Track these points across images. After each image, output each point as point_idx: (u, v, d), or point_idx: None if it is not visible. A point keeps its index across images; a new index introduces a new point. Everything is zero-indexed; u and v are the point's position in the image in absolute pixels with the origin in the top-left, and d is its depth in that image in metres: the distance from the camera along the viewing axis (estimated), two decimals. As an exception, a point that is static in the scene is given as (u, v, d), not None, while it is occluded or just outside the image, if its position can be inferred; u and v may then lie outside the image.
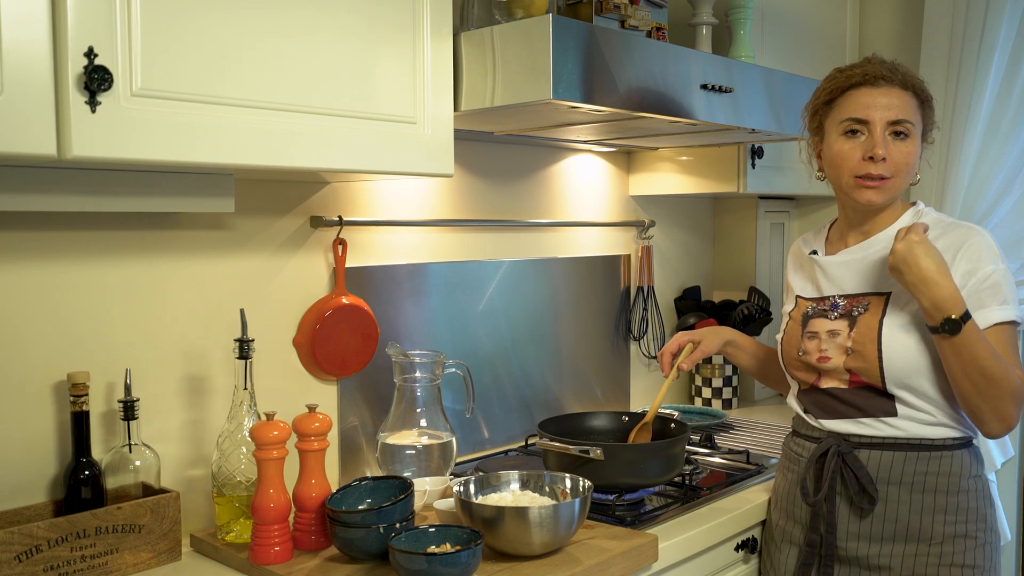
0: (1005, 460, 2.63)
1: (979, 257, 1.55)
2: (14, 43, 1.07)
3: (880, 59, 1.64)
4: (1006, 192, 2.53)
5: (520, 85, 1.57)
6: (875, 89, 1.60)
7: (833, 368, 1.62)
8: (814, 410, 1.68)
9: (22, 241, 1.44)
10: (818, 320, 1.66)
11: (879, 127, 1.58)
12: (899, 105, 1.58)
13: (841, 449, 1.62)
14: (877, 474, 1.60)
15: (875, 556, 1.61)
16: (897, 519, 1.60)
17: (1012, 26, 2.47)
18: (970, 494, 1.59)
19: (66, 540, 1.34)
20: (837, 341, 1.62)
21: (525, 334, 2.26)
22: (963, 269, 1.55)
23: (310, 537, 1.48)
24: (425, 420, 1.80)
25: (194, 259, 1.64)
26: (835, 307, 1.65)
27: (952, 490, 1.58)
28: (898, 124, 1.58)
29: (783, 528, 1.75)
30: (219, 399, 1.66)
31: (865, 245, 1.66)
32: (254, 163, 1.32)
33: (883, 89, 1.59)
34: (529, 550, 1.44)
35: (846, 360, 1.60)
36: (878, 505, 1.60)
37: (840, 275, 1.66)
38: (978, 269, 1.55)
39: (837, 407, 1.64)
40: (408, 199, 2.01)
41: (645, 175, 2.57)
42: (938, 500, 1.58)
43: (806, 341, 1.66)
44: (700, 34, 2.16)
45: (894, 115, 1.58)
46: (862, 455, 1.61)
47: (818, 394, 1.67)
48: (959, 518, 1.58)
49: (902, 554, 1.59)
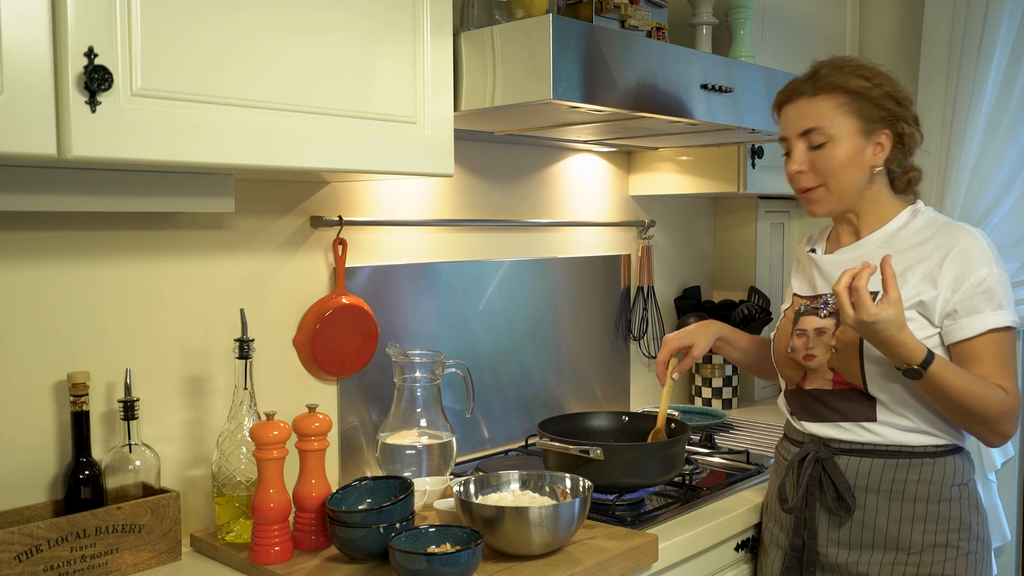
0: (1005, 460, 2.63)
1: (971, 261, 1.52)
2: (14, 43, 1.07)
3: (815, 67, 1.62)
4: (1006, 192, 2.53)
5: (520, 85, 1.57)
6: (790, 105, 1.62)
7: (818, 366, 1.62)
8: (798, 411, 1.68)
9: (23, 241, 1.44)
10: (808, 318, 1.65)
11: (792, 141, 1.61)
12: (808, 114, 1.58)
13: (820, 455, 1.61)
14: (855, 481, 1.59)
15: (855, 563, 1.59)
16: (875, 527, 1.58)
17: (1012, 26, 2.47)
18: (952, 503, 1.56)
19: (66, 540, 1.34)
20: (823, 339, 1.61)
21: (525, 334, 2.26)
22: (953, 273, 1.52)
23: (310, 537, 1.48)
24: (425, 420, 1.80)
25: (194, 259, 1.64)
26: (826, 305, 1.64)
27: (932, 499, 1.56)
28: (807, 134, 1.58)
29: (771, 532, 1.75)
30: (219, 399, 1.66)
31: (858, 245, 1.65)
32: (254, 163, 1.32)
33: (795, 103, 1.61)
34: (529, 550, 1.44)
35: (831, 359, 1.60)
36: (856, 512, 1.59)
37: (834, 274, 1.65)
38: (970, 274, 1.51)
39: (819, 409, 1.63)
40: (408, 199, 2.01)
41: (645, 175, 2.57)
42: (917, 509, 1.56)
43: (795, 338, 1.66)
44: (700, 34, 2.16)
45: (799, 126, 1.59)
46: (841, 461, 1.60)
47: (803, 395, 1.66)
48: (939, 527, 1.55)
49: (880, 562, 1.57)
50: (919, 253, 1.57)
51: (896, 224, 1.62)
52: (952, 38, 2.51)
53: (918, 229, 1.60)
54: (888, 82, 1.60)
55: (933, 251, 1.54)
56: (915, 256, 1.57)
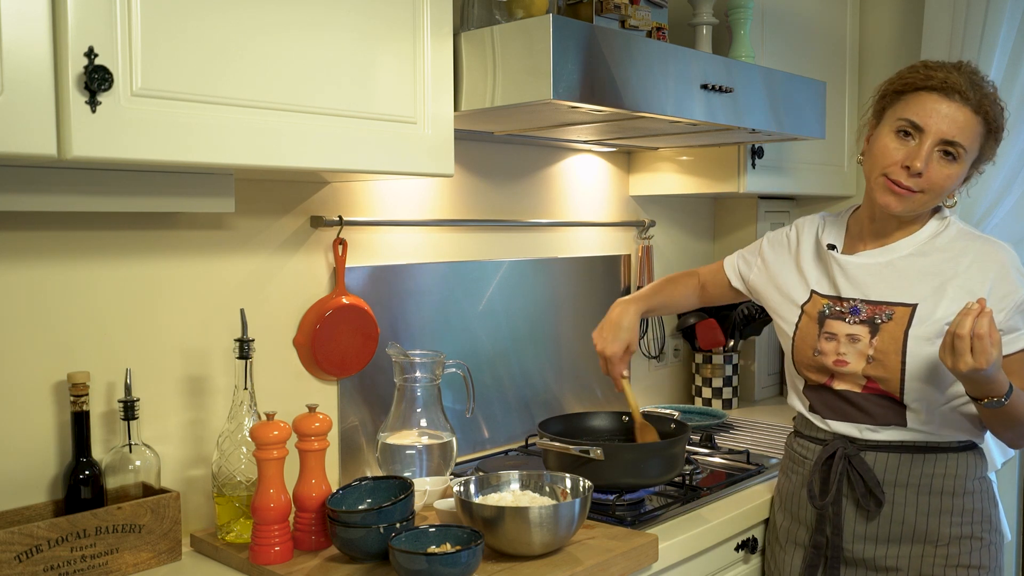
0: (1005, 460, 2.62)
1: (1011, 279, 1.54)
2: (14, 43, 1.07)
3: (971, 71, 1.55)
4: (1006, 192, 2.53)
5: (520, 85, 1.56)
6: (945, 100, 1.53)
7: (850, 373, 1.61)
8: (822, 410, 1.67)
9: (23, 241, 1.44)
10: (836, 322, 1.63)
11: (930, 139, 1.53)
12: (960, 125, 1.52)
13: (848, 452, 1.62)
14: (883, 476, 1.60)
15: (882, 557, 1.61)
16: (904, 520, 1.60)
17: (1012, 26, 2.47)
18: (975, 495, 1.60)
19: (66, 540, 1.34)
20: (857, 347, 1.59)
21: (525, 334, 2.26)
22: (1000, 292, 1.53)
23: (310, 537, 1.48)
24: (425, 420, 1.80)
25: (194, 259, 1.64)
26: (855, 311, 1.61)
27: (958, 492, 1.59)
28: (950, 144, 1.52)
29: (788, 529, 1.74)
30: (219, 399, 1.66)
31: (886, 250, 1.63)
32: (254, 163, 1.32)
33: (954, 104, 1.52)
34: (529, 550, 1.44)
35: (866, 367, 1.59)
36: (884, 507, 1.60)
37: (861, 278, 1.63)
38: (1012, 293, 1.53)
39: (847, 410, 1.63)
40: (408, 199, 2.01)
41: (645, 175, 2.57)
42: (944, 502, 1.59)
43: (823, 342, 1.63)
44: (700, 34, 2.15)
45: (950, 134, 1.52)
46: (868, 457, 1.61)
47: (828, 394, 1.65)
48: (964, 519, 1.59)
49: (908, 555, 1.60)
50: (955, 266, 1.57)
51: (927, 233, 1.62)
52: (952, 38, 2.51)
53: (950, 240, 1.60)
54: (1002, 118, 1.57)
55: (970, 266, 1.54)
56: (950, 269, 1.57)
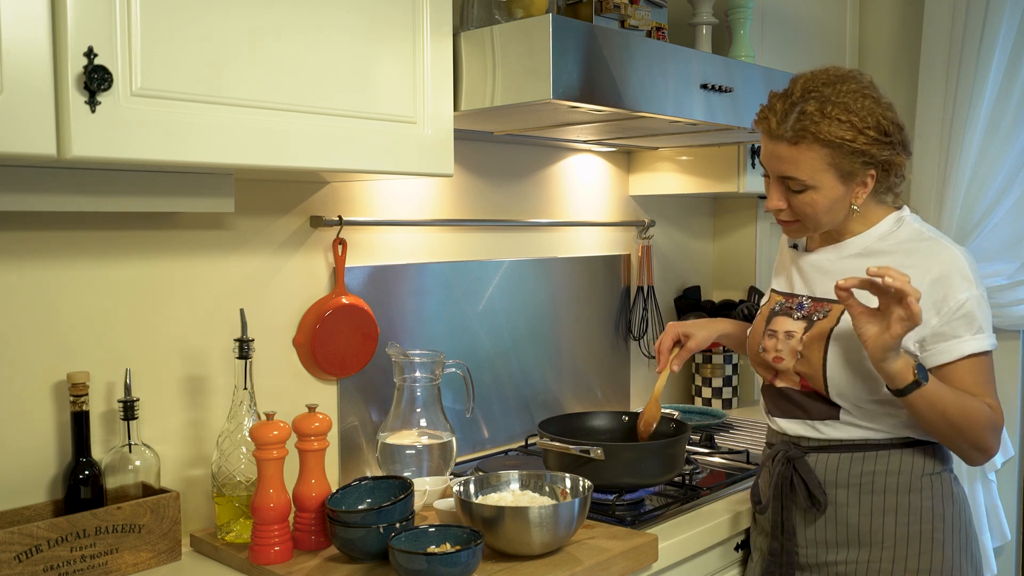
0: (1005, 460, 2.63)
1: (952, 284, 1.49)
2: (14, 43, 1.07)
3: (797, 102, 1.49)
4: (1006, 192, 2.53)
5: (520, 85, 1.57)
6: (769, 139, 1.52)
7: (785, 369, 1.60)
8: (772, 408, 1.67)
9: (22, 241, 1.44)
10: (781, 319, 1.63)
11: (773, 179, 1.54)
12: (786, 161, 1.50)
13: (790, 454, 1.60)
14: (825, 477, 1.58)
15: (833, 563, 1.58)
16: (848, 523, 1.56)
17: (1012, 26, 2.47)
18: (923, 493, 1.54)
19: (66, 540, 1.34)
20: (791, 343, 1.59)
21: (525, 334, 2.26)
22: (938, 294, 1.48)
23: (310, 537, 1.48)
24: (425, 420, 1.80)
25: (194, 259, 1.64)
26: (800, 307, 1.62)
27: (902, 490, 1.54)
28: (789, 179, 1.51)
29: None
30: (219, 399, 1.66)
31: (839, 247, 1.61)
32: (254, 163, 1.32)
33: (773, 142, 1.51)
34: (529, 550, 1.44)
35: (796, 363, 1.58)
36: (829, 509, 1.57)
37: (811, 275, 1.63)
38: (950, 298, 1.48)
39: (787, 406, 1.62)
40: (408, 199, 2.01)
41: (645, 175, 2.57)
42: (887, 500, 1.54)
43: (766, 339, 1.64)
44: (700, 34, 2.16)
45: (780, 170, 1.52)
46: (811, 459, 1.59)
47: (773, 392, 1.65)
48: (911, 519, 1.54)
49: (856, 560, 1.56)
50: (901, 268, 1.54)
51: (880, 230, 1.59)
52: (952, 38, 2.51)
53: (902, 240, 1.57)
54: (875, 117, 1.48)
55: (912, 267, 1.48)
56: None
